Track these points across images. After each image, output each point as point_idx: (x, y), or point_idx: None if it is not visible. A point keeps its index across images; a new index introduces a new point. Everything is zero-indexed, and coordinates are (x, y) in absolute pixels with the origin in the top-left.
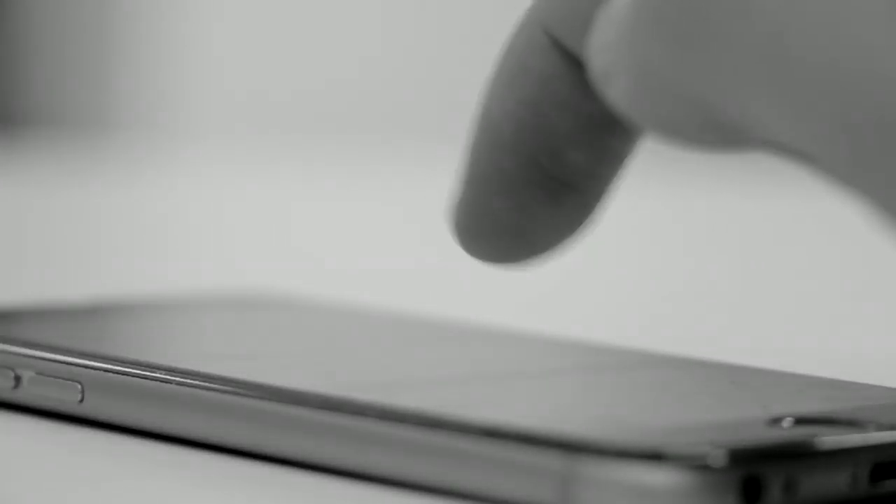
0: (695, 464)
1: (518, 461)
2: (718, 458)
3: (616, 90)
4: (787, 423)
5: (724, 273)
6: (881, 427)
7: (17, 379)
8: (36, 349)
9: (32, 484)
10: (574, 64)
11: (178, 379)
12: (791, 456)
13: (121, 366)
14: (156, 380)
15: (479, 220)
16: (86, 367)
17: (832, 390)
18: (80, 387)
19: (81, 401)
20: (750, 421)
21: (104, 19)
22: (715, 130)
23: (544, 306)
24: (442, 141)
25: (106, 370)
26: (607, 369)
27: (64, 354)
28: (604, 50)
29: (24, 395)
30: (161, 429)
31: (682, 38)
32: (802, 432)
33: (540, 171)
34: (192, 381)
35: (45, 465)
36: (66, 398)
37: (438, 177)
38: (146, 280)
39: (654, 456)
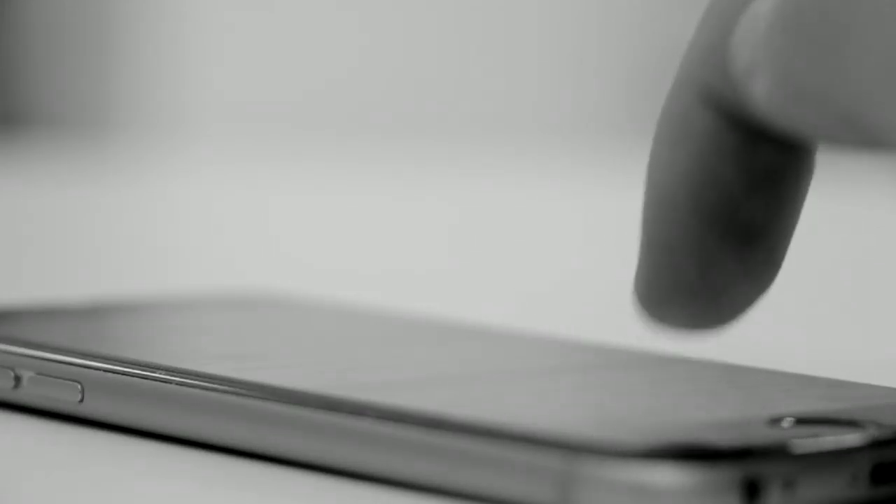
0: (695, 464)
1: (518, 461)
2: (718, 458)
3: (757, 88)
4: (787, 423)
5: None
6: (881, 427)
7: (17, 379)
8: (36, 349)
9: (32, 484)
10: (735, 118)
11: (178, 379)
12: (791, 456)
13: (121, 366)
14: (156, 380)
15: (667, 287)
16: (86, 367)
17: (832, 390)
18: (80, 387)
19: (81, 401)
20: (750, 421)
21: (104, 19)
22: (853, 133)
23: (544, 306)
24: (441, 140)
25: (106, 370)
26: (606, 369)
27: (64, 354)
28: (747, 47)
29: (24, 395)
30: (161, 429)
31: (820, 41)
32: (802, 432)
33: (722, 225)
34: (192, 381)
35: (45, 465)
36: (66, 398)
37: (438, 176)
38: (146, 280)
39: (654, 456)
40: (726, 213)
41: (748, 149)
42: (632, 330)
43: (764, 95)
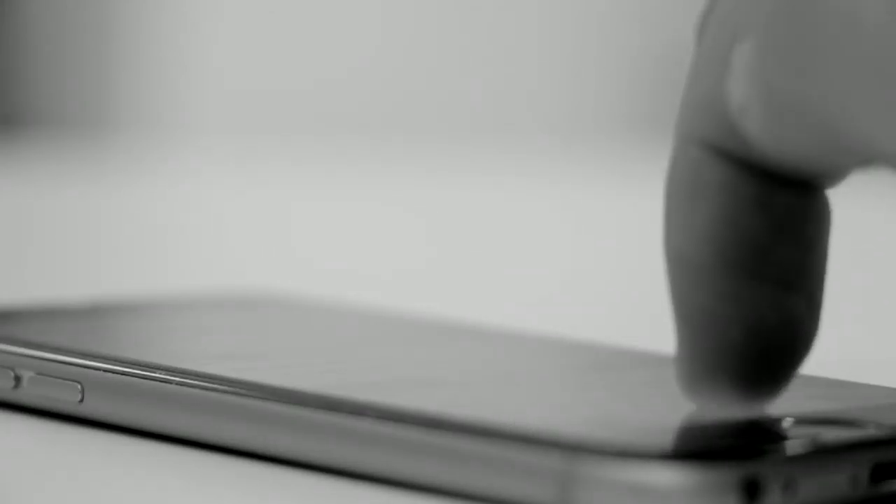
0: (695, 464)
1: (518, 461)
2: (718, 458)
3: (751, 121)
4: (787, 423)
5: None
6: (881, 427)
7: (17, 379)
8: (36, 349)
9: (32, 484)
10: (744, 163)
11: (178, 379)
12: (791, 456)
13: (121, 366)
14: (156, 380)
15: (714, 357)
16: (86, 367)
17: (832, 390)
18: (80, 387)
19: (81, 401)
20: (750, 421)
21: (104, 19)
22: (840, 151)
23: (544, 306)
24: (441, 140)
25: (106, 370)
26: (607, 369)
27: (64, 354)
28: (737, 85)
29: (24, 395)
30: (161, 429)
31: (799, 62)
32: (802, 432)
33: (757, 278)
34: (192, 381)
35: (45, 465)
36: (66, 398)
37: (438, 176)
38: (146, 280)
39: (653, 456)
40: (758, 263)
41: (766, 193)
42: (632, 330)
43: (757, 127)
